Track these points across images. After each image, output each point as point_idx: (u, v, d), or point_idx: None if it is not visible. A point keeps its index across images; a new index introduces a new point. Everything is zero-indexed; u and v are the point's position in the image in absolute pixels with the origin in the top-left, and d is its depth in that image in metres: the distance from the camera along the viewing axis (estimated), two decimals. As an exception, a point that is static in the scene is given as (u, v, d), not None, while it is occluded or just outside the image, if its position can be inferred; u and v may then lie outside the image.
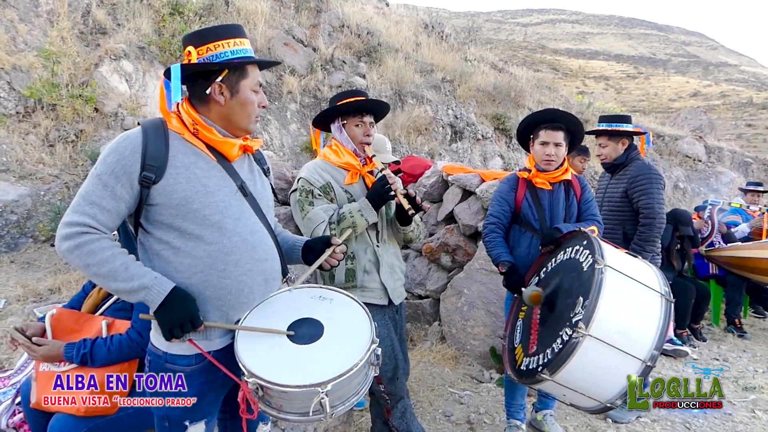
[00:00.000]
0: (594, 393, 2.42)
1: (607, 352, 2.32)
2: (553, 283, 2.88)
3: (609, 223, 4.12)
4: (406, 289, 5.56)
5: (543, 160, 3.34)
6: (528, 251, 3.33)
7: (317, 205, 2.77)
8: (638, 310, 2.46)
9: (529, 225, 3.36)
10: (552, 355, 2.41)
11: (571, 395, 2.48)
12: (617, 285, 2.44)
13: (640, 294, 2.50)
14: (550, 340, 2.51)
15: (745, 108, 39.12)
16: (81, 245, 1.71)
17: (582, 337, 2.28)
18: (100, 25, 8.77)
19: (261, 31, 10.22)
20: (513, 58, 37.52)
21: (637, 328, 2.41)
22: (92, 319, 2.65)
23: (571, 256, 2.84)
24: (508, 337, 3.10)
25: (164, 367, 1.89)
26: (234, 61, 1.88)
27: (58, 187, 6.66)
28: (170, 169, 1.81)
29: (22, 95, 7.24)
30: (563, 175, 3.39)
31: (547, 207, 3.37)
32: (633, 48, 65.11)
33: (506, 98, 13.02)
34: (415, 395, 4.21)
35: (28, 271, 5.80)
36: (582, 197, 3.45)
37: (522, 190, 3.41)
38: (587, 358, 2.32)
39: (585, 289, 2.44)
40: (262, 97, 1.99)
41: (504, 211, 3.41)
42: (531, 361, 2.61)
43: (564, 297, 2.66)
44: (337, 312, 1.97)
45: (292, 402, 1.74)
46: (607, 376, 2.39)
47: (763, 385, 4.74)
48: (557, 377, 2.38)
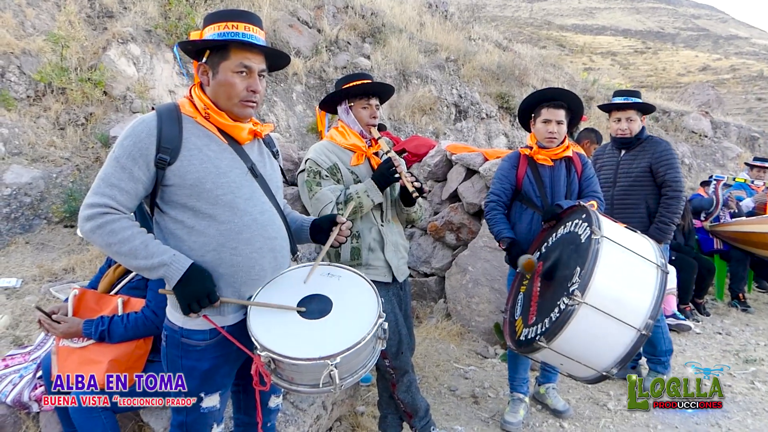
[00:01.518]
0: (590, 362, 2.48)
1: (603, 320, 2.37)
2: (553, 256, 2.95)
3: (630, 199, 4.13)
4: (411, 267, 5.67)
5: (546, 137, 3.40)
6: (529, 227, 3.41)
7: (324, 186, 2.83)
8: (634, 280, 2.52)
9: (530, 201, 3.43)
10: (549, 324, 2.48)
11: (568, 364, 2.54)
12: (613, 255, 2.50)
13: (635, 264, 2.56)
14: (548, 310, 2.58)
15: (755, 81, 38.57)
16: (102, 225, 1.80)
17: (578, 304, 2.34)
18: (106, 8, 8.80)
19: (266, 14, 10.20)
20: (519, 35, 37.09)
21: (632, 297, 2.47)
22: (109, 298, 2.76)
23: (571, 229, 2.90)
24: (509, 310, 3.18)
25: (180, 341, 1.98)
26: (210, 42, 1.94)
27: (70, 169, 6.75)
28: (184, 151, 1.90)
29: (32, 79, 7.30)
30: (564, 152, 3.45)
31: (548, 183, 3.43)
32: (641, 23, 64.16)
33: (510, 77, 12.96)
34: (421, 371, 4.32)
35: (43, 252, 5.92)
36: (583, 174, 3.51)
37: (523, 166, 3.47)
38: (583, 326, 2.38)
39: (582, 259, 2.50)
40: (251, 81, 1.97)
41: (504, 189, 3.48)
42: (530, 331, 2.68)
43: (563, 269, 2.73)
44: (345, 288, 2.05)
45: (303, 374, 1.82)
46: (602, 345, 2.44)
47: (763, 358, 4.83)
48: (554, 345, 2.44)
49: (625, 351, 2.42)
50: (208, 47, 1.97)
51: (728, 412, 3.79)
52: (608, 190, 4.15)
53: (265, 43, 2.01)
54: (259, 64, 1.98)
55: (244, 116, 2.03)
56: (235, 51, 1.94)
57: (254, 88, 1.98)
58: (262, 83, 2.02)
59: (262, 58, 2.01)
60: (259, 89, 1.99)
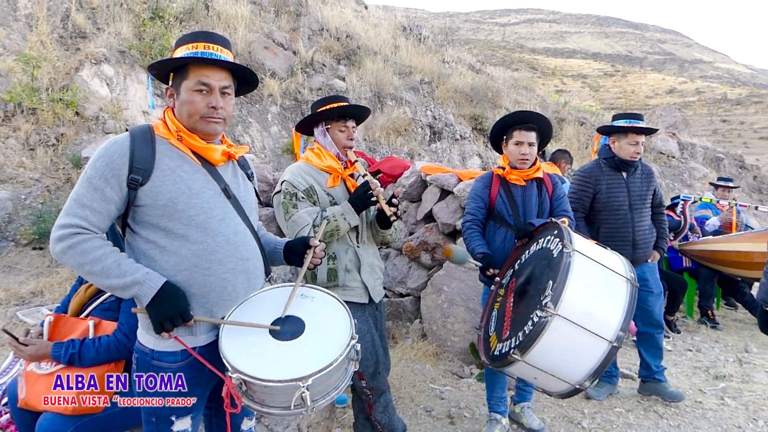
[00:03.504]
0: (564, 375, 2.49)
1: (575, 332, 2.40)
2: (526, 272, 2.99)
3: (645, 221, 4.22)
4: (387, 288, 5.67)
5: (518, 159, 3.47)
6: (503, 245, 3.45)
7: (301, 208, 2.84)
8: (605, 293, 2.56)
9: (503, 220, 3.49)
10: (523, 337, 2.49)
11: (542, 378, 2.55)
12: (585, 268, 2.55)
13: (606, 278, 2.61)
14: (522, 324, 2.59)
15: (719, 104, 39.73)
16: (74, 245, 1.78)
17: (551, 316, 2.37)
18: (79, 29, 8.75)
19: (241, 35, 10.25)
20: (492, 58, 37.75)
21: (603, 310, 2.50)
22: (80, 321, 2.71)
23: (543, 246, 2.95)
24: (484, 327, 3.19)
25: (151, 364, 1.95)
26: (170, 62, 1.98)
27: (40, 190, 6.65)
28: (157, 171, 1.89)
29: (1, 99, 7.21)
30: (536, 173, 3.53)
31: (521, 203, 3.49)
32: (610, 46, 65.85)
33: (483, 99, 13.18)
34: (397, 392, 4.30)
35: (10, 275, 5.79)
36: (554, 194, 3.59)
37: (496, 186, 3.54)
38: (555, 338, 2.40)
39: (554, 272, 2.54)
40: (211, 98, 1.96)
41: (479, 208, 3.53)
42: (504, 346, 2.69)
43: (535, 283, 2.76)
44: (317, 309, 2.04)
45: (274, 396, 1.80)
46: (575, 357, 2.47)
47: (732, 374, 4.91)
48: (527, 357, 2.44)
49: (597, 363, 2.44)
50: (170, 70, 2.00)
51: (699, 429, 3.84)
52: (626, 213, 4.13)
53: (228, 60, 2.01)
54: (219, 81, 1.98)
55: (209, 133, 2.02)
56: (193, 69, 1.96)
57: (213, 104, 1.97)
58: (226, 100, 2.02)
59: (225, 75, 2.01)
60: (219, 105, 1.98)
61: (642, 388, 4.36)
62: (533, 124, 3.48)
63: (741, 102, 39.13)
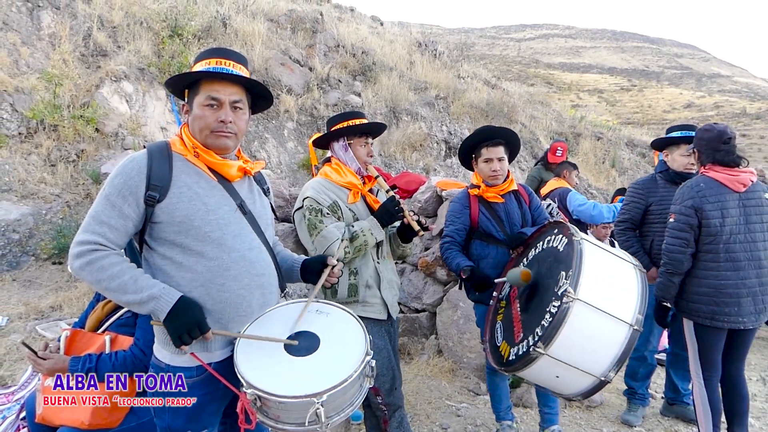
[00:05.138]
0: (588, 366, 2.45)
1: (596, 316, 2.40)
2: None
3: None
4: (402, 303, 5.65)
5: (489, 175, 3.47)
6: (496, 261, 3.42)
7: (327, 224, 2.84)
8: (618, 277, 2.58)
9: (491, 237, 3.46)
10: (543, 330, 2.46)
11: (565, 374, 2.50)
12: (596, 254, 2.58)
13: (616, 264, 2.64)
14: (537, 321, 2.58)
15: (738, 118, 39.31)
16: (92, 262, 1.81)
17: (572, 301, 2.36)
18: (100, 47, 8.91)
19: (258, 52, 10.38)
20: (507, 73, 37.79)
21: (619, 293, 2.51)
22: (97, 336, 2.73)
23: (544, 247, 2.97)
24: (489, 341, 3.17)
25: None
26: (183, 79, 2.02)
27: (60, 206, 6.75)
28: (173, 188, 1.92)
29: (24, 116, 7.35)
30: (510, 186, 3.53)
31: (504, 217, 3.49)
32: (626, 61, 65.65)
33: (499, 114, 13.18)
34: (413, 408, 4.27)
35: (30, 289, 5.86)
36: (531, 204, 3.62)
37: (475, 206, 3.52)
38: (578, 325, 2.38)
39: (566, 262, 2.55)
40: (220, 112, 1.98)
41: (458, 230, 3.50)
42: (520, 347, 2.66)
43: (544, 281, 2.77)
44: (333, 325, 2.05)
45: (288, 412, 1.80)
46: (598, 343, 2.45)
47: (756, 393, 4.81)
48: (551, 350, 2.40)
49: (621, 349, 2.43)
50: (184, 86, 2.03)
51: (722, 449, 3.76)
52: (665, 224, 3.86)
53: (239, 74, 2.02)
54: (230, 95, 1.99)
55: (220, 147, 2.02)
56: (204, 85, 1.99)
57: (222, 118, 1.98)
58: (237, 115, 2.02)
59: (236, 90, 2.02)
60: (228, 119, 1.99)
61: (666, 409, 4.28)
62: (500, 139, 3.47)
63: (761, 116, 38.75)
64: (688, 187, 3.42)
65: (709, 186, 3.35)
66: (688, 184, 3.44)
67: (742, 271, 3.29)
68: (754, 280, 3.30)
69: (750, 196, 3.35)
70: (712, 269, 3.32)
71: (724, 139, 3.39)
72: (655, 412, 4.33)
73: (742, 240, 3.30)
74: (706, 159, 3.46)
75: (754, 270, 3.30)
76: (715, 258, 3.32)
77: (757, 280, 3.31)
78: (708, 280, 3.33)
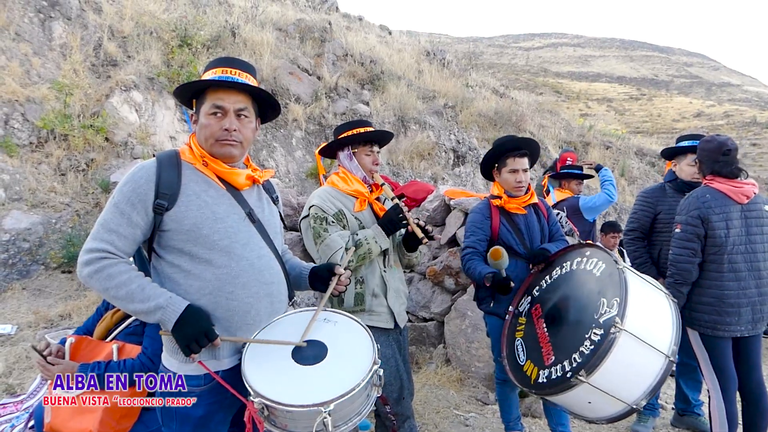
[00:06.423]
0: (622, 394, 2.44)
1: (638, 348, 2.39)
2: (553, 297, 2.96)
3: None
4: (410, 312, 5.63)
5: (514, 186, 3.44)
6: (514, 276, 3.30)
7: (331, 232, 2.85)
8: (655, 307, 2.58)
9: (510, 250, 3.37)
10: (584, 358, 2.44)
11: (598, 401, 2.48)
12: (638, 284, 2.58)
13: (654, 294, 2.64)
14: (572, 346, 2.55)
15: (749, 127, 39.08)
16: (100, 270, 1.81)
17: (619, 332, 2.35)
18: (111, 57, 8.99)
19: (267, 61, 10.44)
20: (515, 82, 37.80)
21: (658, 324, 2.51)
22: (104, 344, 2.73)
23: (573, 268, 2.95)
24: (508, 357, 3.12)
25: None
26: (189, 88, 2.03)
27: (69, 215, 6.79)
28: (182, 197, 1.92)
29: (35, 126, 7.41)
30: (531, 199, 3.51)
31: (525, 230, 3.46)
32: (635, 70, 65.48)
33: (507, 123, 13.17)
34: (421, 418, 4.24)
35: (40, 298, 5.89)
36: (549, 219, 3.59)
37: (496, 217, 3.47)
38: (621, 355, 2.37)
39: (608, 289, 2.54)
40: (225, 121, 1.98)
41: (479, 240, 3.44)
42: (554, 371, 2.62)
43: (576, 304, 2.76)
44: (340, 334, 2.04)
45: (296, 421, 1.79)
46: (636, 374, 2.44)
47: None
48: (593, 378, 2.39)
49: (656, 380, 2.43)
50: (191, 95, 2.05)
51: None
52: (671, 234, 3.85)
53: (244, 82, 2.02)
54: (234, 103, 2.00)
55: (226, 156, 2.03)
56: (210, 94, 2.00)
57: (227, 126, 1.98)
58: (243, 123, 2.03)
59: (241, 98, 2.02)
60: (233, 128, 1.99)
61: (677, 420, 4.23)
62: (525, 150, 3.46)
63: (771, 125, 38.54)
64: (694, 197, 3.42)
65: (714, 197, 3.37)
66: (693, 195, 3.46)
67: (743, 282, 3.34)
68: (754, 290, 3.35)
69: (751, 207, 3.39)
70: (716, 279, 3.36)
71: (724, 151, 3.43)
72: (665, 422, 4.29)
73: (744, 251, 3.35)
74: (706, 169, 3.50)
75: (754, 280, 3.36)
76: (719, 268, 3.36)
77: (757, 290, 3.36)
78: (711, 290, 3.37)
